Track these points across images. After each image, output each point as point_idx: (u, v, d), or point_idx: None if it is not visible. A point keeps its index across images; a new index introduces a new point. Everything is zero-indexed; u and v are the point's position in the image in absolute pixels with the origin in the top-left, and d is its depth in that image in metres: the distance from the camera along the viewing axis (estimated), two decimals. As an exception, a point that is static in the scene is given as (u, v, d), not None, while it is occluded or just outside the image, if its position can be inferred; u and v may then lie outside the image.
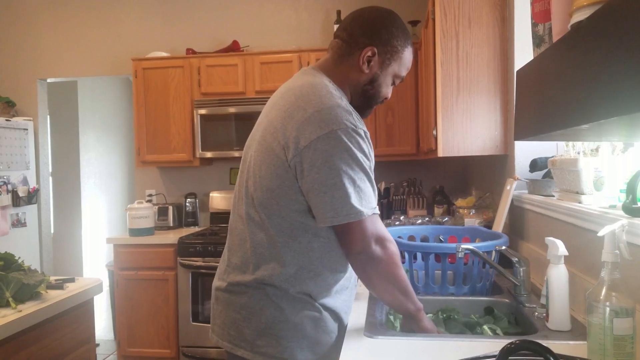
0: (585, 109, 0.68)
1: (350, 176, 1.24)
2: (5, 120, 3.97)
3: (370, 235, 1.28)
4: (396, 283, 1.35)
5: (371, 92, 1.43)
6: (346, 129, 1.24)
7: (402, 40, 1.41)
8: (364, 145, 1.27)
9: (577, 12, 0.76)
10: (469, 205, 2.67)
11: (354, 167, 1.24)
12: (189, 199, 4.13)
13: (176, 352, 3.54)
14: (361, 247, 1.28)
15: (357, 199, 1.24)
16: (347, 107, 1.30)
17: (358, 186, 1.25)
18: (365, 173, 1.27)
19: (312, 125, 1.24)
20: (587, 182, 1.53)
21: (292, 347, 1.32)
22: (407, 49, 1.42)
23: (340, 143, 1.23)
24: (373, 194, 1.30)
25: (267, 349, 1.32)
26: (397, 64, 1.42)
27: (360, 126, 1.28)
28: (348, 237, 1.29)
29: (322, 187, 1.24)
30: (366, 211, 1.25)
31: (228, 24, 4.23)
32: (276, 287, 1.33)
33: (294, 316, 1.33)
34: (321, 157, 1.23)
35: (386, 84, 1.43)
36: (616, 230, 1.03)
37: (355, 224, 1.26)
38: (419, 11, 3.89)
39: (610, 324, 0.99)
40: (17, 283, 1.64)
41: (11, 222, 3.92)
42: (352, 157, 1.24)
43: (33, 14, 4.46)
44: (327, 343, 1.38)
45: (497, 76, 2.36)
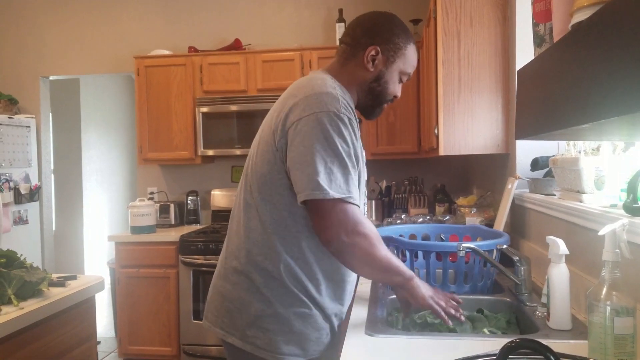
0: (585, 108, 0.68)
1: (322, 156, 1.25)
2: (8, 117, 3.98)
3: (338, 223, 1.27)
4: (375, 264, 1.34)
5: (378, 90, 1.46)
6: (327, 112, 1.27)
7: (403, 38, 1.45)
8: (345, 131, 1.29)
9: (577, 12, 0.76)
10: (470, 203, 2.68)
11: (327, 149, 1.26)
12: (190, 197, 4.13)
13: (177, 350, 3.55)
14: (330, 235, 1.28)
15: (326, 179, 1.25)
16: (338, 95, 1.32)
17: (329, 167, 1.26)
18: (339, 157, 1.27)
19: (299, 108, 1.30)
20: (588, 181, 1.53)
21: (279, 341, 1.36)
22: (409, 46, 1.46)
23: (319, 125, 1.26)
24: (348, 181, 1.28)
25: (255, 340, 1.36)
26: (402, 60, 1.45)
27: (344, 112, 1.30)
28: (317, 221, 1.30)
29: (296, 164, 1.28)
30: (333, 193, 1.24)
31: (230, 22, 4.24)
32: (267, 277, 1.36)
33: (283, 310, 1.36)
34: (299, 136, 1.28)
35: (393, 81, 1.46)
36: (617, 230, 1.03)
37: (322, 205, 1.26)
38: (421, 10, 3.89)
39: (611, 323, 0.99)
40: (19, 280, 1.64)
41: (13, 220, 3.93)
42: (328, 140, 1.26)
43: (36, 12, 4.47)
44: (317, 340, 1.41)
45: (499, 75, 2.36)
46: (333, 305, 1.43)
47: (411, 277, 1.38)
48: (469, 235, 2.02)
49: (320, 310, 1.40)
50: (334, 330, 1.47)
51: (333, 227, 1.27)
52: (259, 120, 3.70)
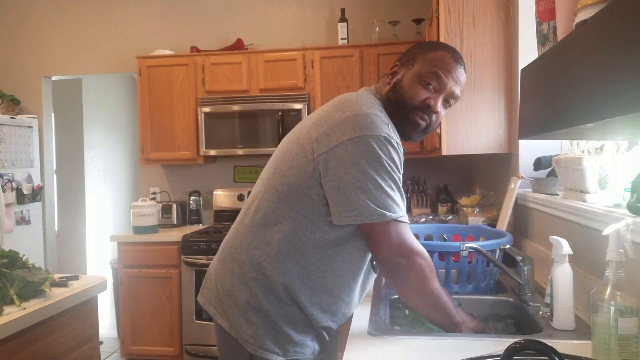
0: (590, 107, 0.68)
1: (377, 181, 1.25)
2: (10, 117, 3.99)
3: (395, 243, 1.28)
4: (424, 296, 1.33)
5: (394, 98, 1.40)
6: (378, 137, 1.26)
7: (424, 47, 1.42)
8: (395, 156, 1.28)
9: (581, 10, 0.76)
10: (473, 203, 2.67)
11: (382, 174, 1.25)
12: (192, 197, 4.13)
13: (179, 350, 3.55)
14: (386, 256, 1.29)
15: (382, 203, 1.25)
16: (385, 119, 1.32)
17: (385, 191, 1.25)
18: (393, 181, 1.27)
19: (347, 126, 1.27)
20: (591, 180, 1.52)
21: (260, 335, 1.36)
22: (431, 51, 1.39)
23: (371, 149, 1.25)
24: (401, 203, 1.29)
25: (239, 329, 1.38)
26: (420, 64, 1.38)
27: (394, 137, 1.29)
28: (373, 241, 1.30)
29: (345, 186, 1.25)
30: (390, 214, 1.25)
31: (232, 22, 4.23)
32: (259, 273, 1.36)
33: (269, 306, 1.36)
34: (350, 158, 1.25)
35: (409, 86, 1.38)
36: (621, 229, 1.03)
37: (379, 227, 1.27)
38: (424, 9, 3.89)
39: (615, 323, 0.98)
40: (21, 281, 1.64)
41: (15, 220, 3.93)
42: (381, 164, 1.25)
43: (38, 12, 4.47)
44: (301, 342, 1.39)
45: (502, 74, 2.35)
46: (323, 319, 1.40)
47: (458, 323, 1.35)
48: (471, 235, 2.01)
49: (306, 316, 1.39)
50: (321, 337, 1.44)
51: (392, 248, 1.28)
52: (261, 120, 3.72)
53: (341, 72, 3.71)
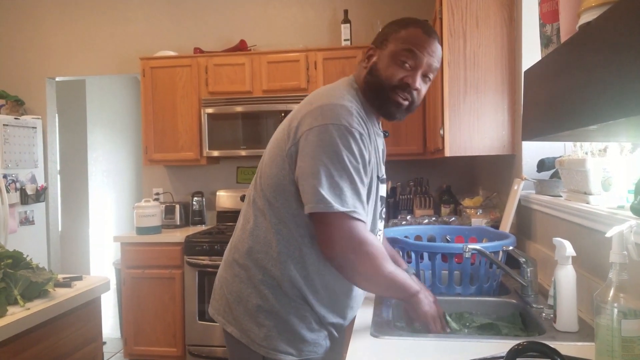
0: (593, 109, 0.68)
1: (329, 169, 1.24)
2: (14, 118, 4.00)
3: (340, 237, 1.26)
4: (378, 281, 1.34)
5: (372, 80, 1.40)
6: (339, 126, 1.26)
7: (395, 26, 1.40)
8: (354, 146, 1.27)
9: (585, 12, 0.76)
10: (476, 205, 2.67)
11: (335, 163, 1.24)
12: (195, 198, 4.14)
13: (182, 350, 3.56)
14: (333, 251, 1.27)
15: (331, 192, 1.23)
16: (353, 109, 1.31)
17: (335, 181, 1.24)
18: (346, 171, 1.25)
19: (311, 117, 1.29)
20: (595, 182, 1.52)
21: (274, 337, 1.36)
22: (403, 29, 1.38)
23: (329, 138, 1.25)
24: (355, 196, 1.26)
25: (251, 333, 1.37)
26: (393, 43, 1.38)
27: (357, 127, 1.28)
28: (319, 234, 1.29)
29: (303, 175, 1.26)
30: (337, 206, 1.22)
31: (235, 23, 4.24)
32: (266, 275, 1.36)
33: (280, 308, 1.36)
34: (308, 146, 1.27)
35: (385, 65, 1.37)
36: (624, 231, 1.03)
37: (325, 218, 1.25)
38: (427, 10, 3.88)
39: (618, 326, 0.98)
40: (25, 281, 1.65)
41: (19, 220, 3.94)
42: (337, 153, 1.25)
43: (42, 14, 4.49)
44: (314, 342, 1.40)
45: (505, 76, 2.35)
46: (330, 316, 1.41)
47: (415, 293, 1.37)
48: (474, 236, 2.01)
49: (316, 316, 1.40)
50: (332, 335, 1.45)
51: (337, 243, 1.26)
52: (264, 121, 3.72)
53: (344, 73, 3.69)
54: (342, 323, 1.46)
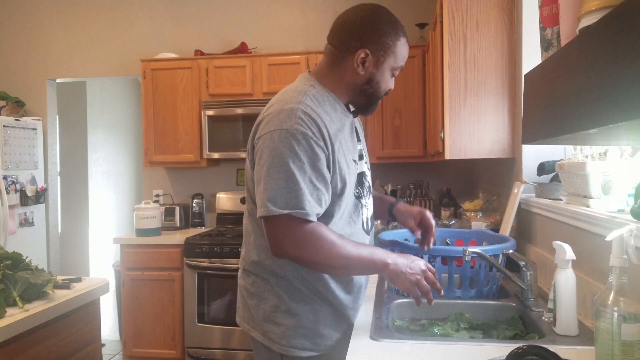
0: (593, 113, 0.68)
1: (272, 174, 1.29)
2: (15, 120, 4.00)
3: (284, 239, 1.30)
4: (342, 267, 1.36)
5: (370, 91, 1.46)
6: (280, 130, 1.30)
7: (392, 35, 1.42)
8: (298, 147, 1.29)
9: (585, 16, 0.76)
10: (476, 208, 2.66)
11: (277, 166, 1.29)
12: (195, 200, 4.14)
13: (181, 352, 3.55)
14: (282, 253, 1.33)
15: (271, 197, 1.28)
16: (299, 110, 1.33)
17: (277, 184, 1.28)
18: (288, 174, 1.28)
19: (263, 124, 1.36)
20: (595, 186, 1.52)
21: (290, 335, 1.42)
22: (399, 42, 1.43)
23: (272, 143, 1.31)
24: (299, 196, 1.28)
25: (271, 335, 1.43)
26: (392, 58, 1.43)
27: (299, 128, 1.30)
28: (267, 238, 1.34)
29: (257, 179, 1.34)
30: (275, 210, 1.27)
31: (236, 25, 4.25)
32: (278, 276, 1.43)
33: (294, 305, 1.42)
34: (258, 154, 1.34)
35: (384, 79, 1.45)
36: (624, 235, 1.02)
37: (268, 222, 1.31)
38: (427, 14, 3.89)
39: (618, 330, 0.98)
40: (24, 282, 1.65)
41: (19, 222, 3.94)
42: (279, 157, 1.29)
43: (43, 15, 4.49)
44: (329, 335, 1.45)
45: (505, 79, 2.35)
46: (345, 297, 1.47)
47: (384, 266, 1.36)
48: (474, 239, 2.01)
49: (332, 306, 1.45)
50: (350, 324, 1.48)
51: (282, 244, 1.31)
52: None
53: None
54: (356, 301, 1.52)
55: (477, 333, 1.52)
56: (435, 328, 1.52)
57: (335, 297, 1.45)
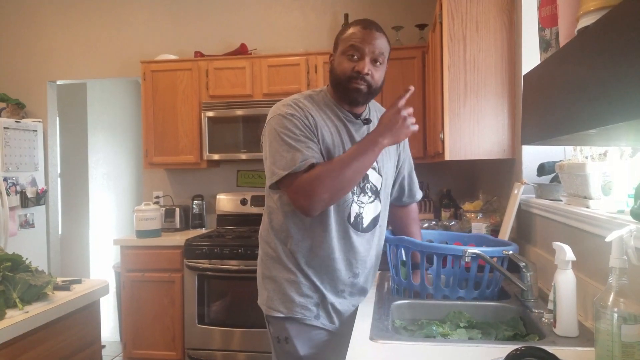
0: (592, 113, 0.68)
1: (272, 149, 1.58)
2: (15, 121, 4.00)
3: (292, 190, 1.54)
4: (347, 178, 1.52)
5: (332, 79, 1.66)
6: (274, 117, 1.61)
7: (341, 30, 1.66)
8: (288, 123, 1.57)
9: (584, 16, 0.76)
10: (476, 209, 2.66)
11: (274, 142, 1.57)
12: (195, 201, 4.14)
13: (182, 354, 3.55)
14: (294, 202, 1.56)
15: (274, 165, 1.56)
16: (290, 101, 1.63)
17: (279, 154, 1.55)
18: (284, 142, 1.55)
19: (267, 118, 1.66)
20: (595, 186, 1.52)
21: (272, 298, 1.69)
22: (345, 31, 1.63)
23: (269, 126, 1.62)
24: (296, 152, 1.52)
25: (261, 297, 1.75)
26: (341, 45, 1.63)
27: (286, 110, 1.59)
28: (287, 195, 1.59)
29: (265, 160, 1.63)
30: (279, 173, 1.53)
31: (236, 27, 4.25)
32: (268, 248, 1.72)
33: (276, 274, 1.69)
34: (265, 139, 1.64)
35: (339, 63, 1.62)
36: (624, 236, 1.02)
37: (281, 184, 1.57)
38: (427, 15, 3.89)
39: (618, 331, 0.98)
40: (24, 284, 1.65)
41: (19, 223, 3.94)
42: (275, 136, 1.58)
43: (43, 17, 4.50)
44: (302, 305, 1.66)
45: (505, 80, 2.35)
46: (321, 277, 1.66)
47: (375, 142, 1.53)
48: (473, 243, 2.00)
49: (307, 279, 1.66)
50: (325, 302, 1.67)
51: (297, 201, 1.54)
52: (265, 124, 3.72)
53: (345, 77, 3.70)
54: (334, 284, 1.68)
55: (475, 332, 1.51)
56: (434, 327, 1.52)
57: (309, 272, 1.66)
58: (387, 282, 1.94)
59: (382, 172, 1.74)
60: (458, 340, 1.45)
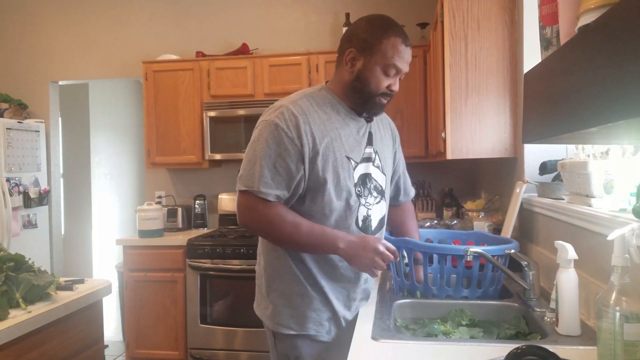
0: (592, 111, 0.68)
1: (246, 156, 1.53)
2: (18, 122, 4.01)
3: (239, 209, 1.55)
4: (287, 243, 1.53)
5: (360, 87, 1.54)
6: (262, 122, 1.53)
7: (378, 33, 1.51)
8: (269, 136, 1.48)
9: (584, 15, 0.76)
10: (478, 208, 2.66)
11: (250, 150, 1.52)
12: (198, 201, 4.14)
13: (184, 354, 3.55)
14: (240, 222, 1.56)
15: (240, 175, 1.53)
16: (283, 106, 1.53)
17: (246, 165, 1.52)
18: (255, 156, 1.49)
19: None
20: (597, 185, 1.51)
21: (278, 312, 1.58)
22: (385, 40, 1.50)
23: (257, 131, 1.53)
24: (262, 178, 1.47)
25: (266, 312, 1.62)
26: (379, 55, 1.50)
27: (276, 120, 1.49)
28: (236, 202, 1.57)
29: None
30: (239, 186, 1.52)
31: (237, 27, 4.25)
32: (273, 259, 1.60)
33: (285, 286, 1.58)
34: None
35: (374, 76, 1.52)
36: (626, 234, 1.02)
37: (239, 195, 1.54)
38: (428, 14, 3.88)
39: (620, 329, 0.98)
40: (27, 284, 1.65)
41: (22, 224, 3.95)
42: (254, 143, 1.52)
43: (45, 18, 4.51)
44: (315, 320, 1.57)
45: (506, 78, 2.35)
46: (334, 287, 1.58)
47: (335, 248, 1.49)
48: (472, 241, 1.99)
49: (319, 292, 1.56)
50: (337, 316, 1.59)
51: (239, 215, 1.55)
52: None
53: (346, 77, 3.70)
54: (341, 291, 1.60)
55: (477, 331, 1.51)
56: (436, 325, 1.52)
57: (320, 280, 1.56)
58: (389, 282, 1.94)
59: (385, 171, 1.68)
60: (460, 339, 1.44)
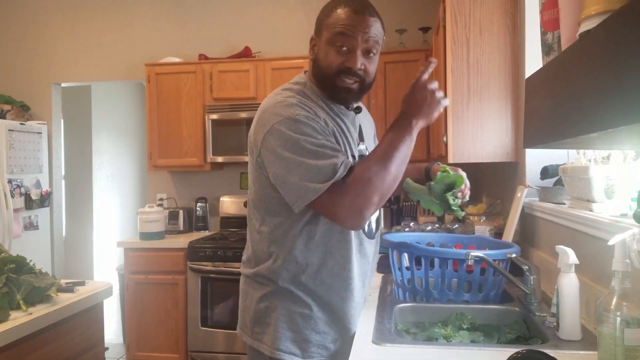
0: (593, 117, 0.68)
1: (298, 161, 1.26)
2: (20, 124, 4.02)
3: (340, 207, 1.27)
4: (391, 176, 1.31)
5: (317, 72, 1.43)
6: (282, 121, 1.30)
7: (327, 9, 1.40)
8: (306, 128, 1.29)
9: (585, 20, 0.76)
10: (479, 212, 2.66)
11: (298, 151, 1.27)
12: (199, 203, 4.15)
13: (185, 356, 3.55)
14: (338, 219, 1.30)
15: (309, 179, 1.25)
16: (288, 99, 1.35)
17: (308, 166, 1.26)
18: (311, 152, 1.27)
19: (260, 125, 1.36)
20: (598, 190, 1.51)
21: (279, 337, 1.39)
22: (331, 12, 1.38)
23: (281, 134, 1.29)
24: (324, 166, 1.26)
25: (258, 336, 1.44)
26: (326, 30, 1.38)
27: (298, 112, 1.31)
28: (326, 214, 1.32)
29: (280, 178, 1.30)
30: (321, 186, 1.25)
31: (240, 30, 4.26)
32: (270, 280, 1.42)
33: (284, 307, 1.40)
34: (272, 152, 1.31)
35: (324, 53, 1.39)
36: (627, 239, 1.02)
37: (319, 201, 1.27)
38: (430, 18, 3.89)
39: (621, 334, 0.98)
40: (28, 286, 1.65)
41: (24, 225, 3.96)
42: (295, 143, 1.28)
43: (47, 19, 4.52)
44: (319, 343, 1.42)
45: (508, 83, 2.35)
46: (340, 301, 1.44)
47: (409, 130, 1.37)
48: (473, 245, 1.99)
49: (324, 311, 1.43)
50: (345, 335, 1.46)
51: (339, 212, 1.28)
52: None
53: (348, 80, 3.70)
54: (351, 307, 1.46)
55: (478, 335, 1.51)
56: (436, 329, 1.51)
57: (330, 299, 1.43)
58: (390, 285, 1.93)
59: None
60: (461, 343, 1.44)
